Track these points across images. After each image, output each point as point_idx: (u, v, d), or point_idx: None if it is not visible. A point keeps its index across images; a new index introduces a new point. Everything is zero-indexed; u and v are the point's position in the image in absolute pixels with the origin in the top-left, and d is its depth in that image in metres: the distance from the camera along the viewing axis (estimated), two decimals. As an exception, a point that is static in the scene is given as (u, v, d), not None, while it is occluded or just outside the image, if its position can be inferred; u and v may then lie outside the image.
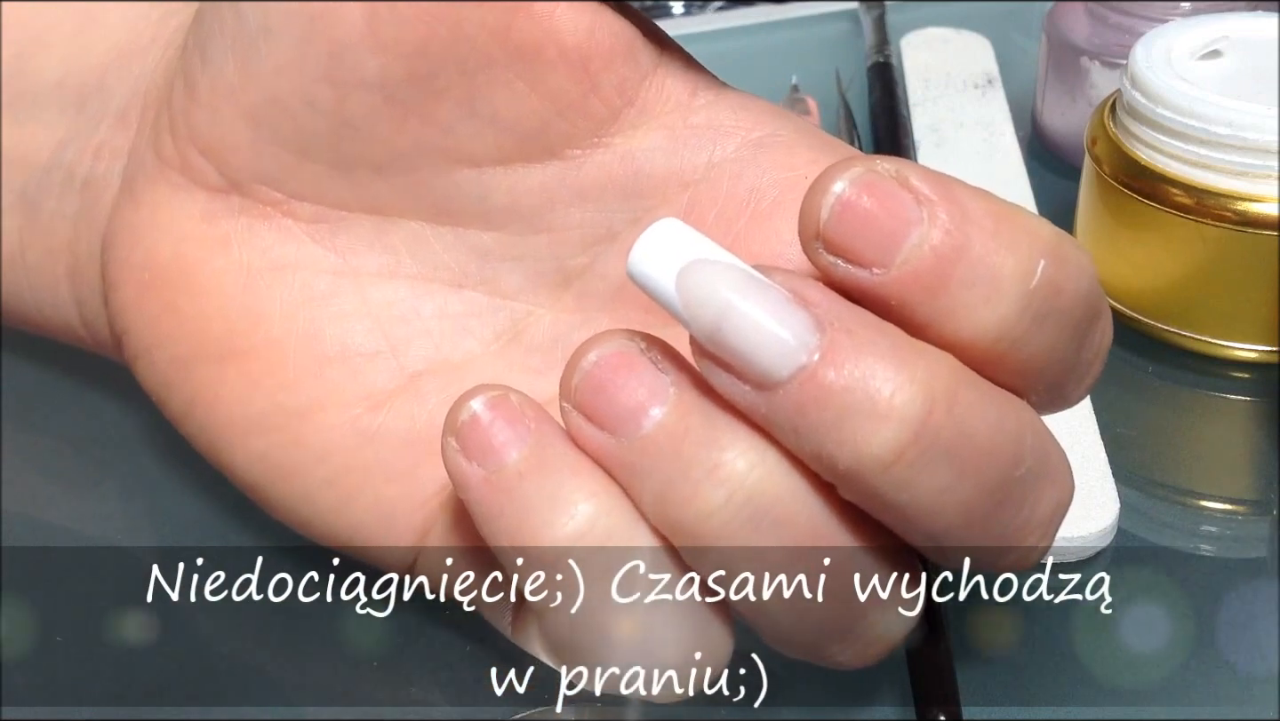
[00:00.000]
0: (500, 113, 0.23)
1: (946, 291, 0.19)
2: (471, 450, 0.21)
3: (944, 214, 0.19)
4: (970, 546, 0.20)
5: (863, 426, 0.18)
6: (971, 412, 0.19)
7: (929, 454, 0.18)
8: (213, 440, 0.25)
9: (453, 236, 0.24)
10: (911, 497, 0.19)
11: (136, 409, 0.32)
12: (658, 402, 0.20)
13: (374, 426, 0.24)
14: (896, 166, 0.19)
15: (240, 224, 0.24)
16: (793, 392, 0.18)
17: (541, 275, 0.24)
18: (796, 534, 0.20)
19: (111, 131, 0.27)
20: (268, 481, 0.25)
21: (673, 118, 0.23)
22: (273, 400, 0.24)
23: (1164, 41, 0.34)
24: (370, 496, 0.24)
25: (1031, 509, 0.20)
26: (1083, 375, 0.21)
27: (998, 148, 0.41)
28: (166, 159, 0.25)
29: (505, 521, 0.21)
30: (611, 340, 0.20)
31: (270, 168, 0.24)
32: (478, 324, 0.25)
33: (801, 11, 0.52)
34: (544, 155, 0.23)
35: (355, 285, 0.24)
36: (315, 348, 0.24)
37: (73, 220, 0.28)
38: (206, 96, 0.24)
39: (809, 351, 0.18)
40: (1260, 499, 0.30)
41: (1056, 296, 0.19)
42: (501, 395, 0.21)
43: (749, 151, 0.23)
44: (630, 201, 0.23)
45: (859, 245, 0.19)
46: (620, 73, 0.22)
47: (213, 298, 0.24)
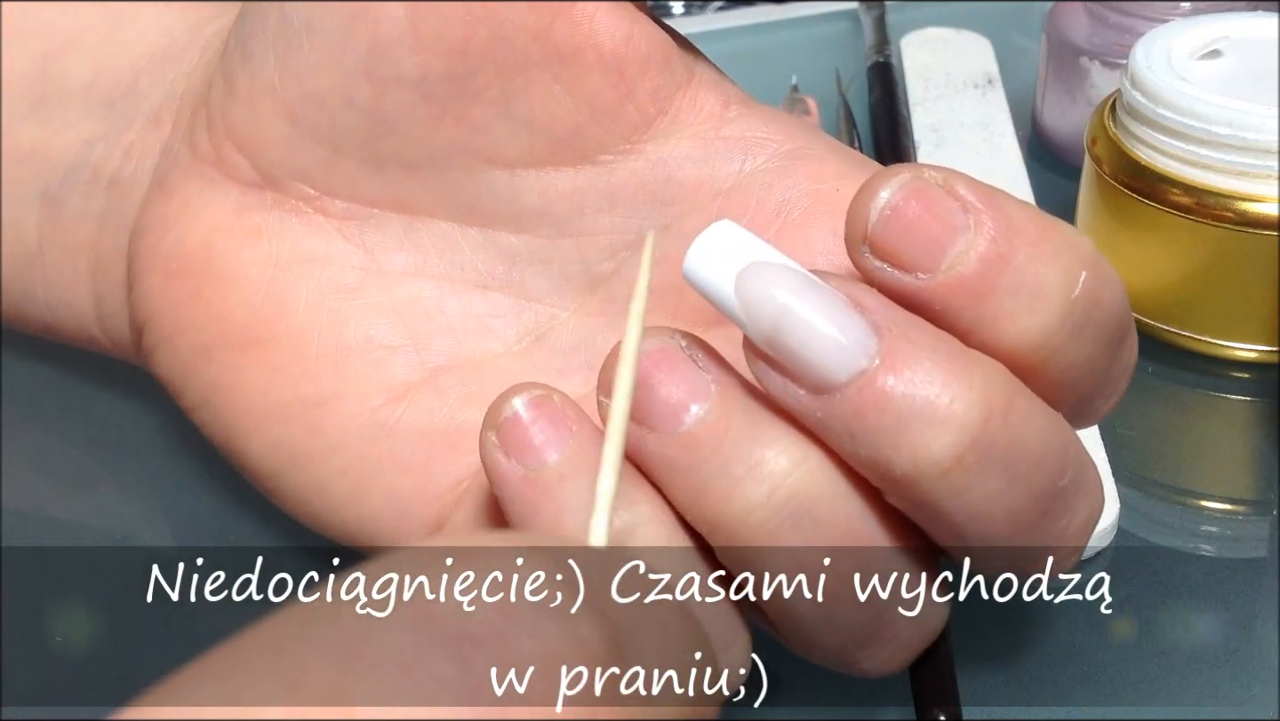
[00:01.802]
0: (535, 115, 0.23)
1: (991, 298, 0.19)
2: (511, 447, 0.21)
3: (990, 222, 0.19)
4: (1010, 552, 0.20)
5: (922, 432, 0.18)
6: (1025, 422, 0.19)
7: (985, 461, 0.19)
8: (229, 428, 0.25)
9: (481, 238, 0.24)
10: (963, 504, 0.19)
11: (138, 409, 0.32)
12: (699, 399, 0.20)
13: (392, 419, 0.24)
14: (944, 175, 0.19)
15: (272, 217, 0.25)
16: (850, 397, 0.19)
17: (568, 279, 0.24)
18: (835, 534, 0.20)
19: (143, 132, 0.27)
20: (282, 470, 0.25)
21: (705, 128, 0.23)
22: (293, 389, 0.24)
23: (1164, 41, 0.34)
24: (384, 488, 0.24)
25: (1070, 518, 0.20)
26: (1111, 390, 0.21)
27: (998, 148, 0.41)
28: (202, 154, 0.25)
29: (542, 520, 0.20)
30: (653, 337, 0.20)
31: (305, 163, 0.24)
32: (501, 324, 0.25)
33: (801, 11, 0.52)
34: (576, 159, 0.23)
35: (381, 281, 0.25)
36: (338, 339, 0.24)
37: (98, 217, 0.28)
38: (245, 92, 0.24)
39: (869, 356, 0.18)
40: (1260, 499, 0.30)
41: (1095, 308, 0.19)
42: (545, 394, 0.21)
43: (780, 163, 0.23)
44: (660, 208, 0.23)
45: (905, 250, 0.19)
46: (656, 80, 0.23)
47: (239, 286, 0.25)
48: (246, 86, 0.24)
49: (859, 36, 0.49)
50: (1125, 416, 0.31)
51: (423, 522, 0.24)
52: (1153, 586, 0.27)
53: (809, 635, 0.21)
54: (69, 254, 0.28)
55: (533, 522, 0.21)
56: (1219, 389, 0.33)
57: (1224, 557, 0.28)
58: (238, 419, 0.25)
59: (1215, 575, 0.28)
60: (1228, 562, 0.28)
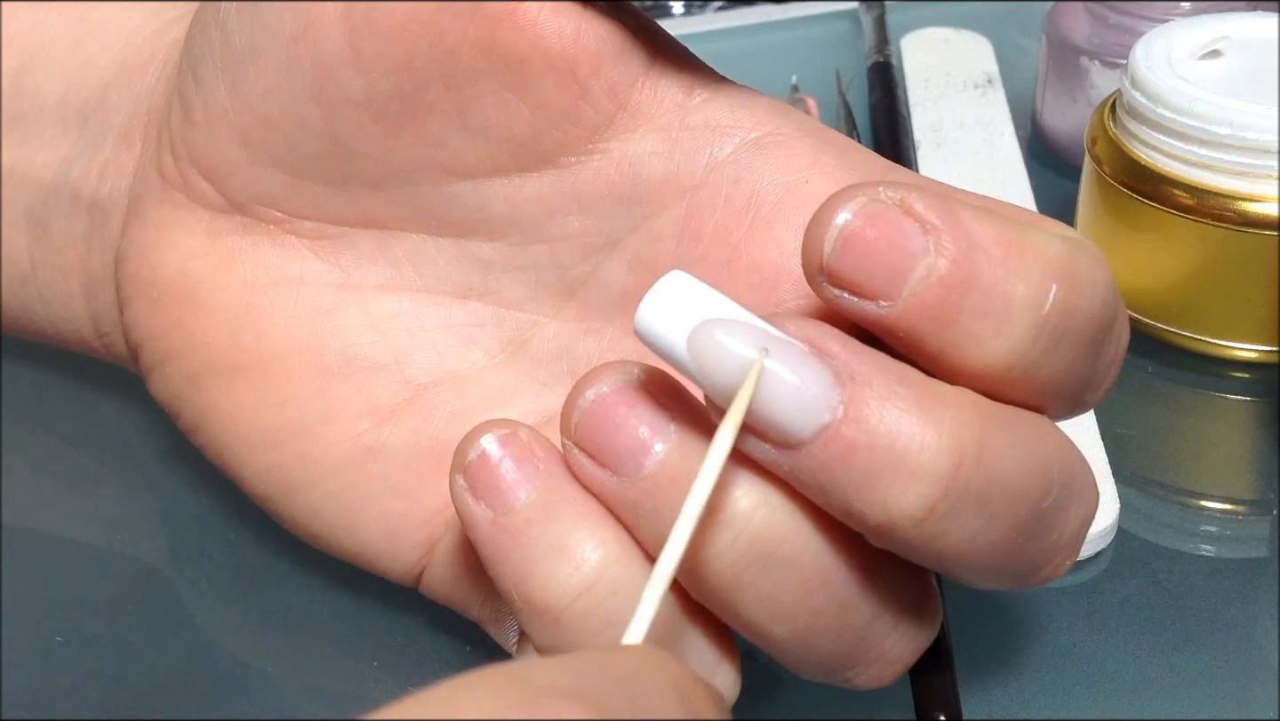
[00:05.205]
0: (491, 124, 0.22)
1: (956, 322, 0.18)
2: (480, 490, 0.20)
3: (950, 243, 0.18)
4: (999, 573, 0.20)
5: (892, 484, 0.18)
6: (1000, 457, 0.18)
7: (959, 506, 0.18)
8: (223, 454, 0.25)
9: (454, 248, 0.24)
10: (943, 546, 0.18)
11: (137, 409, 0.32)
12: (659, 440, 0.19)
13: (379, 441, 0.24)
14: (901, 193, 0.18)
15: (245, 241, 0.24)
16: (816, 452, 0.18)
17: (544, 285, 0.24)
18: (804, 573, 0.19)
19: (116, 150, 0.27)
20: (276, 495, 0.25)
21: (668, 119, 0.23)
22: (278, 415, 0.24)
23: (1164, 41, 0.34)
24: (374, 512, 0.24)
25: (1060, 531, 0.20)
26: (1099, 384, 0.21)
27: (998, 148, 0.41)
28: (170, 179, 0.25)
29: (511, 567, 0.20)
30: (609, 375, 0.20)
31: (268, 188, 0.24)
32: (482, 334, 0.24)
33: (801, 11, 0.52)
34: (540, 164, 0.23)
35: (359, 299, 0.24)
36: (319, 362, 0.24)
37: (84, 239, 0.28)
38: (202, 119, 0.24)
39: (831, 409, 0.18)
40: (1260, 499, 0.30)
41: (1069, 319, 0.19)
42: (510, 433, 0.21)
43: (747, 153, 0.22)
44: (629, 208, 0.23)
45: (864, 278, 0.18)
46: (610, 76, 0.22)
47: (218, 314, 0.24)
48: (201, 112, 0.24)
49: (859, 36, 0.49)
50: (1125, 416, 0.31)
51: (414, 544, 0.24)
52: (1153, 586, 0.27)
53: (793, 661, 0.21)
54: (61, 274, 0.28)
55: (502, 568, 0.20)
56: (1219, 389, 0.33)
57: (1224, 557, 0.28)
58: (231, 445, 0.25)
59: (1215, 575, 0.28)
60: (1228, 562, 0.28)
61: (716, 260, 0.22)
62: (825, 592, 0.19)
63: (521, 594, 0.20)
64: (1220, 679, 0.25)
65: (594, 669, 0.15)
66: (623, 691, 0.15)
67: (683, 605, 0.21)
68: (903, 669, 0.21)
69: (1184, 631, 0.26)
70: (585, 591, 0.20)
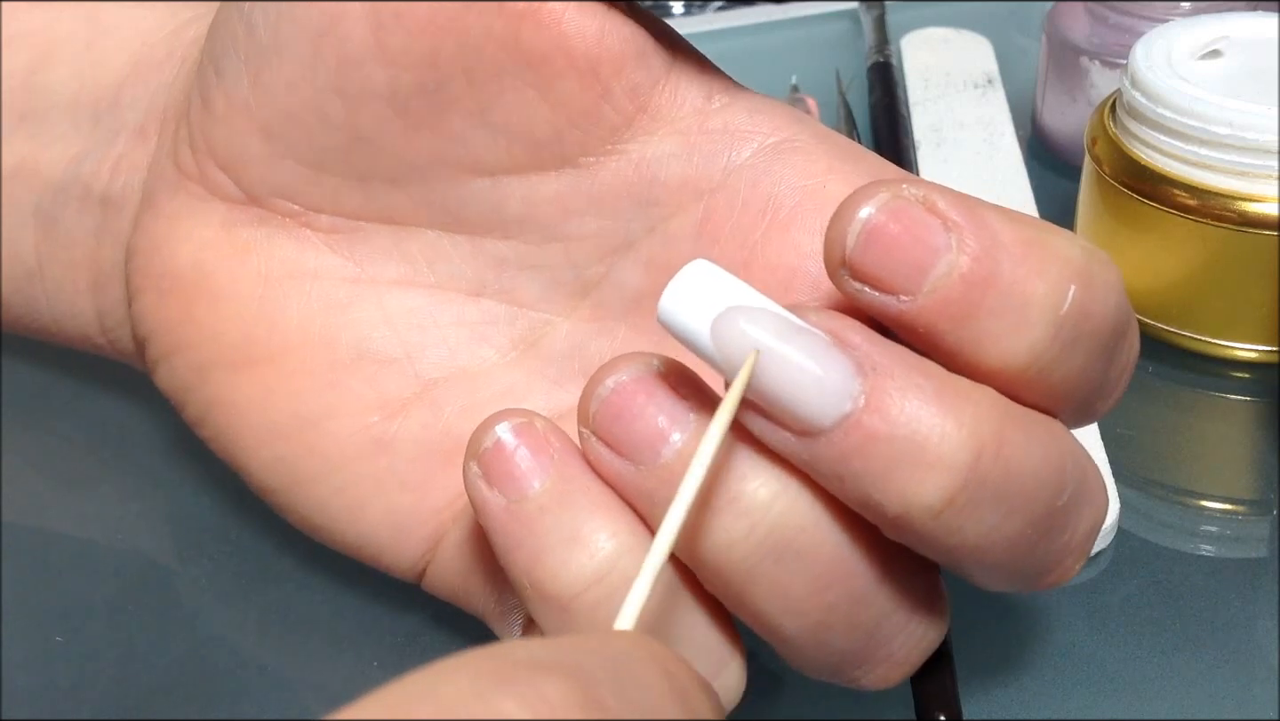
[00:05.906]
0: (512, 122, 0.22)
1: (975, 319, 0.18)
2: (494, 477, 0.20)
3: (972, 240, 0.18)
4: (1011, 572, 0.20)
5: (911, 475, 0.18)
6: (1018, 452, 0.18)
7: (977, 499, 0.18)
8: (229, 446, 0.25)
9: (470, 245, 0.24)
10: (960, 540, 0.19)
11: (137, 409, 0.32)
12: (677, 429, 0.19)
13: (388, 435, 0.24)
14: (924, 190, 0.19)
15: (260, 233, 0.24)
16: (836, 441, 0.18)
17: (559, 284, 0.24)
18: (819, 565, 0.19)
19: (130, 146, 0.27)
20: (282, 487, 0.25)
21: (688, 122, 0.23)
22: (288, 407, 0.24)
23: (1164, 41, 0.34)
24: (382, 506, 0.24)
25: (1073, 531, 0.20)
26: (1111, 391, 0.21)
27: (998, 148, 0.41)
28: (186, 171, 0.25)
29: (523, 554, 0.20)
30: (629, 365, 0.20)
31: (286, 180, 0.24)
32: (495, 332, 0.24)
33: (801, 11, 0.52)
34: (558, 163, 0.23)
35: (373, 293, 0.24)
36: (330, 355, 0.24)
37: (94, 234, 0.28)
38: (222, 111, 0.24)
39: (852, 398, 0.18)
40: (1260, 499, 0.30)
41: (1086, 320, 0.19)
42: (526, 421, 0.21)
43: (765, 157, 0.23)
44: (646, 210, 0.23)
45: (886, 273, 0.18)
46: (632, 78, 0.22)
47: (230, 305, 0.24)
48: (222, 105, 0.24)
49: (859, 36, 0.49)
50: (1125, 416, 0.31)
51: (420, 539, 0.24)
52: (1153, 586, 0.27)
53: (802, 658, 0.21)
54: (68, 270, 0.28)
55: (514, 556, 0.20)
56: (1219, 389, 0.33)
57: (1224, 557, 0.28)
58: (237, 437, 0.25)
59: (1215, 575, 0.28)
60: (1228, 562, 0.28)
61: (733, 262, 0.22)
62: (839, 587, 0.20)
63: (533, 581, 0.20)
64: (1220, 679, 0.25)
65: (579, 647, 0.15)
66: (608, 668, 0.15)
67: (692, 601, 0.21)
68: (909, 670, 0.21)
69: (1184, 631, 0.26)
70: (597, 581, 0.20)
